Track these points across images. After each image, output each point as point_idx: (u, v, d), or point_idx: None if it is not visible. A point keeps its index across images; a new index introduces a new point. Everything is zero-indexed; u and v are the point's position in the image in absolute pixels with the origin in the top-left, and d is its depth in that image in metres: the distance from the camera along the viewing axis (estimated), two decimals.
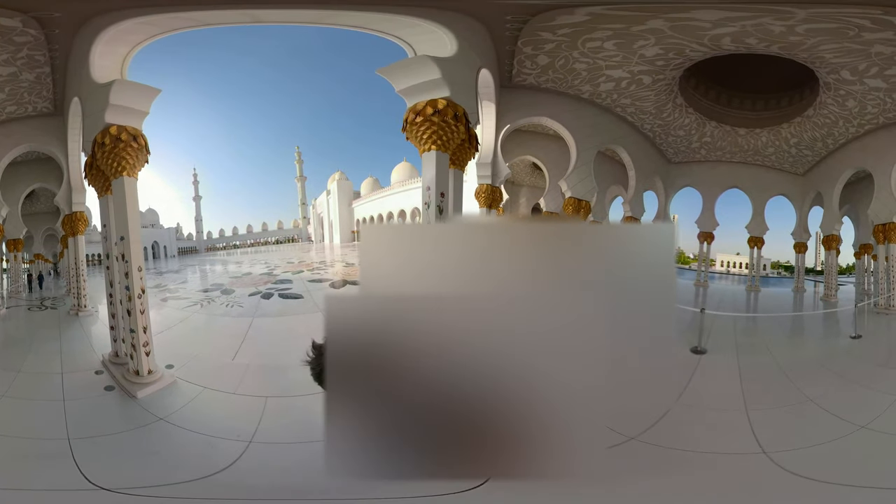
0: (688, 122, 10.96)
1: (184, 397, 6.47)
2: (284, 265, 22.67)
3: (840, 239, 14.87)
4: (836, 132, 10.84)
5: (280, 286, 15.27)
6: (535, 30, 7.20)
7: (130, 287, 6.79)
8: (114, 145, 6.20)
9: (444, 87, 5.83)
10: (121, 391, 6.52)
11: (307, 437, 4.46)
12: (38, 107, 9.14)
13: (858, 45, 7.13)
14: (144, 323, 6.76)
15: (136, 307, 6.75)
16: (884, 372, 6.82)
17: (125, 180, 6.50)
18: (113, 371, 7.13)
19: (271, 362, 7.52)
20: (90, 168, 6.95)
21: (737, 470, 4.48)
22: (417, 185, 39.08)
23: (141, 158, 6.50)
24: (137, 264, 6.86)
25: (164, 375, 6.86)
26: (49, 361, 7.68)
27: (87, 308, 11.68)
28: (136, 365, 6.63)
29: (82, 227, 11.89)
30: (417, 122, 5.79)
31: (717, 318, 9.34)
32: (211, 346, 9.13)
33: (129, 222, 6.70)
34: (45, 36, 6.78)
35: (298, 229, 59.17)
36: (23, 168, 12.62)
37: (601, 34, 7.26)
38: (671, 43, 7.49)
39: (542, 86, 8.96)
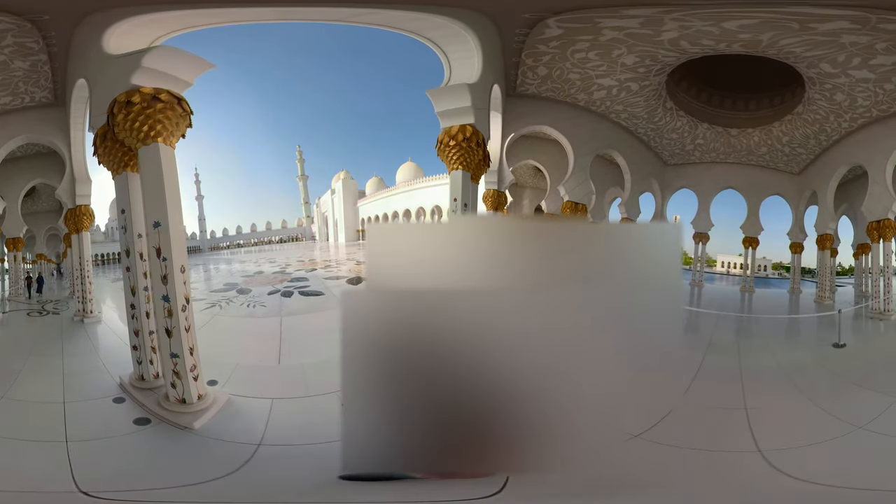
0: (680, 125, 11.28)
1: (252, 416, 5.29)
2: (295, 263, 22.74)
3: (835, 238, 14.80)
4: (828, 128, 10.66)
5: (297, 284, 15.20)
6: (534, 42, 7.68)
7: (171, 296, 5.18)
8: (147, 105, 5.00)
9: (470, 114, 6.80)
10: (161, 423, 5.15)
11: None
12: (36, 97, 8.58)
13: (823, 37, 6.96)
14: (191, 342, 5.34)
15: (180, 323, 5.21)
16: (855, 393, 5.93)
17: (160, 148, 5.12)
18: (139, 398, 5.70)
19: (320, 360, 6.90)
20: (102, 141, 5.72)
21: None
22: (423, 185, 39.70)
23: (182, 126, 5.32)
24: (180, 263, 5.28)
25: (215, 396, 5.56)
26: (49, 385, 6.16)
27: (94, 314, 10.52)
28: (181, 392, 5.27)
29: (87, 222, 10.65)
30: (451, 145, 6.85)
31: (700, 315, 9.53)
32: (248, 351, 8.05)
33: (167, 204, 5.14)
34: (34, 24, 6.39)
35: (302, 228, 59.57)
36: (22, 163, 11.89)
37: (582, 45, 7.69)
38: (642, 50, 7.82)
39: (543, 95, 9.45)
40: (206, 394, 5.50)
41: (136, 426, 5.14)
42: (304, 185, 61.76)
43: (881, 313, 10.81)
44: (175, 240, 5.23)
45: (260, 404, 5.60)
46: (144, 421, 5.25)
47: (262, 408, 5.51)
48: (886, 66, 7.62)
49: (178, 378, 5.28)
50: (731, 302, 13.91)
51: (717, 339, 8.66)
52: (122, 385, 6.20)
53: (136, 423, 5.21)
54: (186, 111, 5.33)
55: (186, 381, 5.27)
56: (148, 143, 5.12)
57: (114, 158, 5.84)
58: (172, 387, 5.32)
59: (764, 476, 4.06)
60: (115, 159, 5.85)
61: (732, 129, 11.55)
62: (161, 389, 5.75)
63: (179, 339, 5.26)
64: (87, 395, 5.92)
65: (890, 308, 10.78)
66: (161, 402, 5.46)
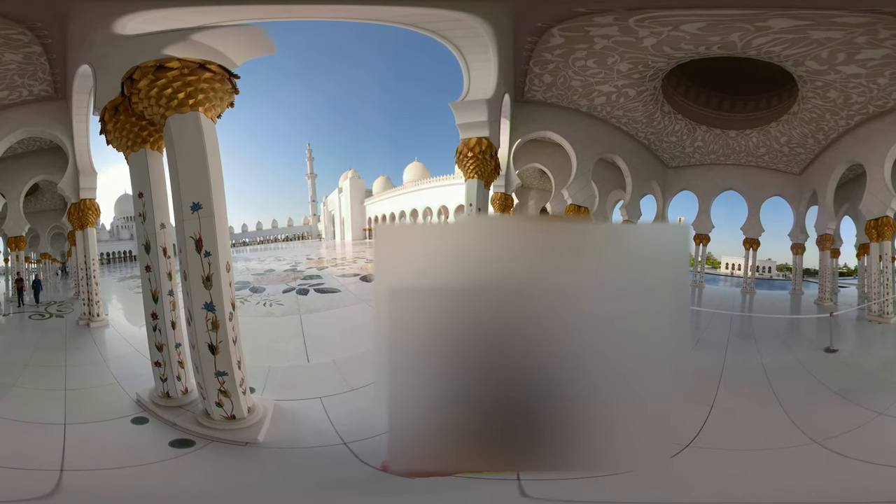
0: (679, 129, 11.50)
1: (311, 419, 4.96)
2: (305, 261, 22.72)
3: (836, 239, 14.73)
4: (826, 126, 10.54)
5: (311, 282, 15.09)
6: (540, 51, 8.03)
7: (216, 303, 4.23)
8: (189, 72, 4.23)
9: (486, 128, 7.40)
10: (211, 444, 4.49)
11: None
12: (34, 90, 8.34)
13: (793, 35, 6.94)
14: (239, 354, 4.58)
15: (228, 334, 4.32)
16: (831, 404, 5.57)
17: (201, 118, 4.26)
18: (168, 418, 4.94)
19: (351, 355, 6.72)
20: (113, 115, 4.81)
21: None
22: (430, 184, 40.07)
23: (224, 103, 4.52)
24: (226, 260, 4.33)
25: (264, 406, 4.99)
26: (50, 403, 5.29)
27: (101, 317, 9.90)
28: (231, 409, 4.58)
29: (93, 217, 9.88)
30: (469, 156, 7.52)
31: (695, 314, 9.63)
32: (275, 352, 7.61)
33: (210, 182, 4.18)
34: (12, 17, 6.23)
35: (308, 226, 59.96)
36: (23, 159, 11.52)
37: (581, 53, 8.02)
38: (633, 57, 8.10)
39: (548, 101, 9.79)
40: (254, 405, 4.88)
41: (175, 448, 4.37)
42: (313, 183, 62.23)
43: (879, 316, 10.39)
44: (220, 229, 4.21)
45: (310, 405, 5.28)
46: (185, 443, 4.48)
47: (315, 408, 5.21)
48: (875, 59, 7.49)
49: (227, 396, 4.53)
50: (729, 302, 13.81)
51: (707, 337, 8.60)
52: (141, 402, 5.31)
53: (175, 445, 4.43)
54: (234, 89, 4.55)
55: (236, 397, 4.55)
56: (183, 111, 4.21)
57: (128, 134, 4.87)
58: (218, 406, 4.56)
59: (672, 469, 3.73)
60: (129, 135, 4.87)
61: (731, 131, 11.64)
62: (193, 405, 5.07)
63: (228, 354, 4.34)
64: (98, 414, 5.05)
65: (889, 311, 10.29)
66: (200, 420, 4.70)
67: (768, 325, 10.33)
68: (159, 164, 4.97)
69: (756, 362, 7.24)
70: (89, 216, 9.82)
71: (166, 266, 5.07)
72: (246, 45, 4.61)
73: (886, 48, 7.09)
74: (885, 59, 7.44)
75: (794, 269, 15.85)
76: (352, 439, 4.40)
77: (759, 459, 4.22)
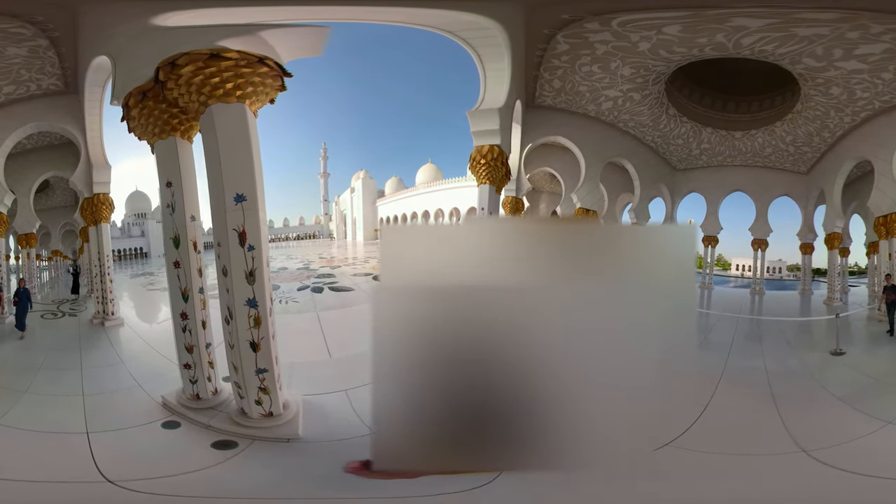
0: (685, 131, 11.65)
1: (342, 412, 4.99)
2: (318, 260, 22.78)
3: (846, 237, 14.54)
4: (831, 124, 10.35)
5: (325, 280, 15.20)
6: (549, 57, 8.34)
7: (259, 298, 4.21)
8: (246, 64, 4.20)
9: (498, 136, 7.73)
10: (254, 443, 4.47)
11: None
12: (43, 84, 8.11)
13: (778, 33, 6.90)
14: (276, 350, 4.56)
15: (268, 330, 4.34)
16: (831, 410, 5.32)
17: (245, 109, 4.25)
18: (202, 420, 4.83)
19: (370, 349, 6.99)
20: (139, 101, 4.66)
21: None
22: (442, 186, 40.34)
23: (269, 96, 4.49)
24: (266, 254, 4.31)
25: (294, 401, 5.01)
26: (70, 412, 5.00)
27: (115, 315, 9.71)
28: (269, 406, 4.61)
29: (107, 212, 9.62)
30: (481, 163, 7.88)
31: (702, 316, 9.77)
32: (295, 348, 7.38)
33: (255, 173, 4.15)
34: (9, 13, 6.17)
35: (320, 226, 60.23)
36: (33, 155, 11.21)
37: (585, 59, 8.29)
38: (634, 61, 8.30)
39: (558, 106, 10.06)
40: (287, 400, 4.87)
41: (219, 451, 4.30)
42: (325, 182, 62.61)
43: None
44: (263, 223, 4.20)
45: (337, 398, 5.28)
46: (227, 444, 4.43)
47: (341, 401, 5.19)
48: (876, 55, 7.34)
49: (266, 393, 4.52)
50: (737, 304, 13.63)
51: (712, 338, 8.47)
52: (168, 405, 5.14)
53: (217, 447, 4.36)
54: (282, 87, 4.53)
55: (275, 394, 4.55)
56: (229, 101, 4.21)
57: (156, 121, 4.71)
58: (258, 403, 4.55)
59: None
60: (157, 122, 4.71)
61: (736, 132, 11.68)
62: (224, 406, 5.04)
63: (269, 350, 4.35)
64: (124, 421, 4.82)
65: None
66: (237, 419, 4.68)
67: (779, 327, 10.12)
68: (189, 153, 4.86)
69: (759, 364, 7.03)
70: (103, 211, 9.56)
71: (196, 262, 4.88)
72: (297, 44, 4.57)
73: (885, 42, 6.99)
74: (887, 54, 7.34)
75: (803, 269, 15.74)
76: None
77: (739, 462, 4.12)
